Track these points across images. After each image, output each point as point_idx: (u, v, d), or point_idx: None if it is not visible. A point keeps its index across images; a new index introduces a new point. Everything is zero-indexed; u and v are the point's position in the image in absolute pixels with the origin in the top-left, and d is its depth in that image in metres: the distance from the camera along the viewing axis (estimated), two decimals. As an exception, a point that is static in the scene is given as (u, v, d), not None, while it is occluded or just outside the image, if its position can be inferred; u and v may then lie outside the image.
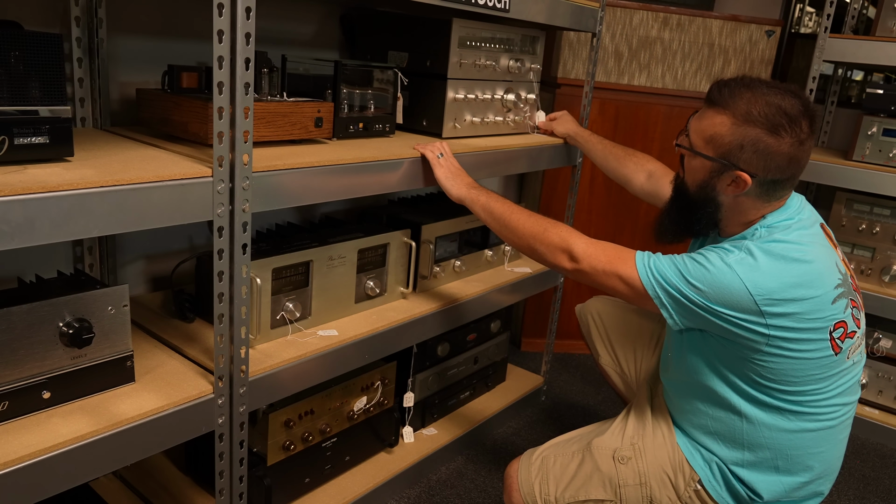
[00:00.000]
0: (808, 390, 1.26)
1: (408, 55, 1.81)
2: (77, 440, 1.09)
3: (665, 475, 1.37)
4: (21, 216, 0.94)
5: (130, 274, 1.69)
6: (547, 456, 1.44)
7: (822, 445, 1.31)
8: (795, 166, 1.26)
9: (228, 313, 1.25)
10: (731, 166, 1.25)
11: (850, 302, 1.27)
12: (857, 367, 1.33)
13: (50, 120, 1.06)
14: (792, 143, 1.22)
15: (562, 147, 2.06)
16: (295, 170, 1.29)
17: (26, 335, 1.10)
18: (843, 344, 1.25)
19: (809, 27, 3.06)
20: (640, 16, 2.52)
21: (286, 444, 1.58)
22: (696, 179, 1.32)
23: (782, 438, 1.29)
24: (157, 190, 1.09)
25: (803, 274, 1.21)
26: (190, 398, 1.23)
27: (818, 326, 1.22)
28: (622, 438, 1.43)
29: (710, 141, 1.28)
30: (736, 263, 1.21)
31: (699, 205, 1.33)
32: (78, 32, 1.43)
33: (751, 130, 1.23)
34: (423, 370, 1.98)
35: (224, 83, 1.13)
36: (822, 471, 1.33)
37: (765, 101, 1.22)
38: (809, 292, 1.20)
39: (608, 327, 1.86)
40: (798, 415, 1.28)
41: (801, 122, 1.22)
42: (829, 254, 1.28)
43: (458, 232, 1.96)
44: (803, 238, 1.25)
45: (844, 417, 1.33)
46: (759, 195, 1.28)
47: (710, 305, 1.22)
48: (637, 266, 1.29)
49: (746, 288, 1.19)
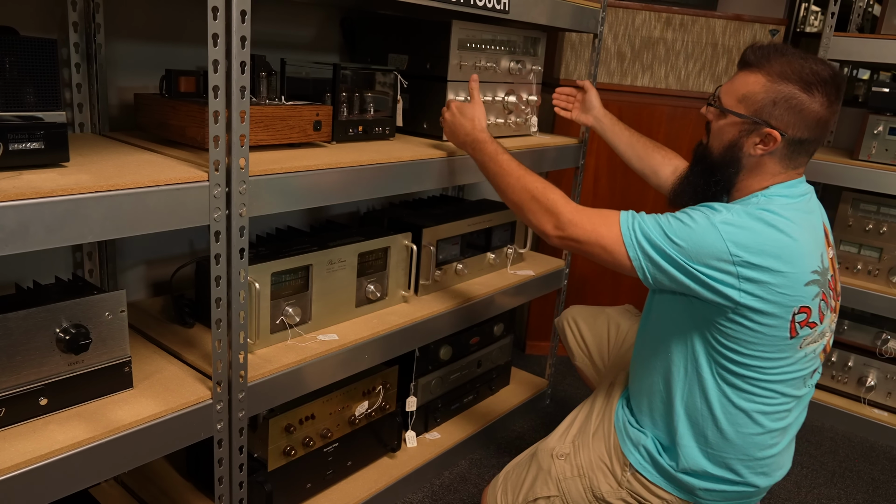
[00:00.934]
0: (754, 365, 1.28)
1: (408, 58, 1.80)
2: (74, 447, 1.08)
3: (603, 463, 1.43)
4: (15, 222, 0.94)
5: (131, 279, 1.68)
6: (508, 471, 1.56)
7: (751, 428, 1.32)
8: (823, 128, 1.28)
9: (226, 318, 1.24)
10: (762, 123, 1.27)
11: (822, 295, 1.28)
12: (808, 363, 1.33)
13: (45, 125, 1.05)
14: (823, 103, 1.25)
15: (564, 149, 2.04)
16: (292, 173, 1.29)
17: (23, 341, 1.10)
18: (801, 331, 1.26)
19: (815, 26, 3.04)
20: (643, 16, 2.51)
21: (287, 450, 1.57)
22: (723, 140, 1.34)
23: (718, 411, 1.31)
24: (152, 195, 1.08)
25: (783, 247, 1.22)
26: (188, 404, 1.23)
27: (785, 303, 1.23)
28: (565, 438, 1.51)
29: (742, 100, 1.30)
30: (721, 223, 1.23)
31: (722, 166, 1.34)
32: (76, 38, 1.43)
33: (785, 87, 1.26)
34: (425, 374, 1.97)
35: (220, 87, 1.12)
36: (742, 456, 1.34)
37: (798, 63, 1.26)
38: (784, 267, 1.21)
39: (581, 329, 1.93)
40: (737, 390, 1.30)
41: (830, 84, 1.26)
42: (817, 243, 1.29)
43: (459, 235, 1.95)
44: (796, 218, 1.27)
45: (781, 410, 1.33)
46: (783, 157, 1.29)
47: (688, 263, 1.23)
48: (621, 228, 1.30)
49: (726, 245, 1.20)
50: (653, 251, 1.26)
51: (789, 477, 2.15)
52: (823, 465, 2.24)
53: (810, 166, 2.46)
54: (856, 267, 2.46)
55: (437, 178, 1.63)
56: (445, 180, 1.66)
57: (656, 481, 1.38)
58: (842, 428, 2.47)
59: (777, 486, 2.09)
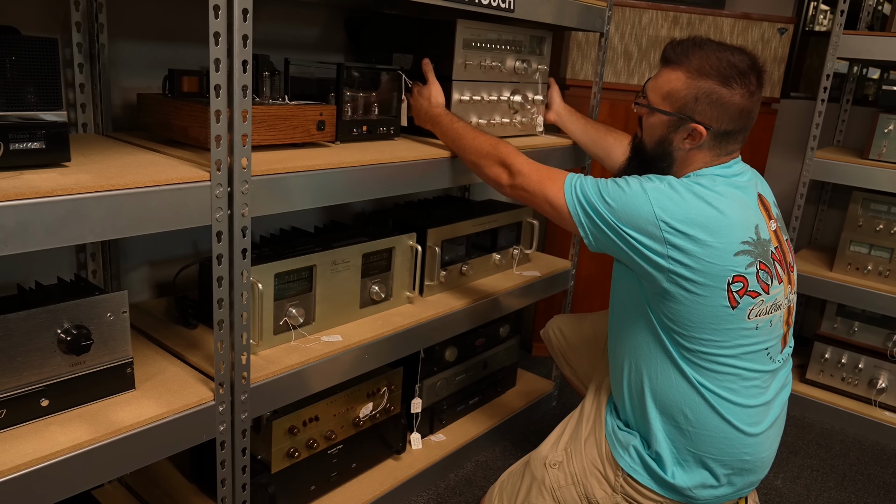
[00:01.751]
0: (703, 339, 1.30)
1: (412, 57, 1.79)
2: (75, 448, 1.07)
3: (597, 470, 1.44)
4: (14, 222, 0.93)
5: (134, 280, 1.68)
6: (503, 481, 1.58)
7: (725, 409, 1.32)
8: (746, 118, 1.33)
9: (228, 319, 1.23)
10: (687, 119, 1.33)
11: (760, 265, 1.30)
12: (765, 336, 1.33)
13: (46, 125, 1.05)
14: (743, 94, 1.30)
15: (570, 148, 2.03)
16: (295, 173, 1.28)
17: (24, 342, 1.09)
18: (742, 300, 1.28)
19: (823, 25, 3.01)
20: (650, 15, 2.49)
21: (291, 452, 1.56)
22: (653, 136, 1.39)
23: (683, 393, 1.33)
24: (153, 195, 1.07)
25: (710, 218, 1.25)
26: (190, 405, 1.22)
27: (715, 273, 1.25)
28: (557, 446, 1.51)
29: (666, 97, 1.35)
30: (652, 189, 1.28)
31: (655, 160, 1.40)
32: (79, 38, 1.42)
33: (704, 83, 1.30)
34: (430, 375, 1.96)
35: (221, 86, 1.11)
36: (716, 447, 1.33)
37: (716, 57, 1.30)
38: (709, 238, 1.24)
39: (568, 339, 1.97)
40: (695, 367, 1.32)
41: (749, 75, 1.30)
42: (749, 216, 1.31)
43: (465, 235, 1.94)
44: (726, 192, 1.30)
45: (751, 386, 1.33)
46: (712, 147, 1.34)
47: (618, 225, 1.29)
48: (565, 187, 1.37)
49: (653, 209, 1.26)
50: (590, 209, 1.33)
51: (799, 480, 2.12)
52: (834, 469, 2.21)
53: (820, 165, 2.45)
54: (866, 268, 2.43)
55: (441, 179, 1.62)
56: (450, 180, 1.65)
57: (648, 484, 1.38)
58: (852, 431, 2.44)
59: (787, 490, 2.07)
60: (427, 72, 1.68)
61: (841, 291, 2.43)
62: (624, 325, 1.42)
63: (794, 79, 2.99)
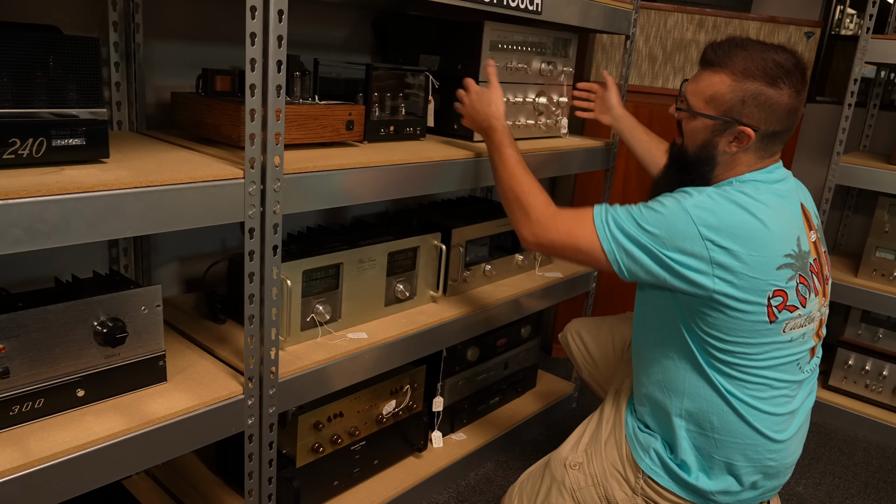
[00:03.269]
0: (737, 351, 1.27)
1: (439, 58, 1.80)
2: (109, 438, 1.10)
3: (617, 471, 1.43)
4: (57, 216, 0.96)
5: (164, 275, 1.71)
6: (523, 481, 1.57)
7: (752, 417, 1.30)
8: (793, 117, 1.30)
9: (259, 315, 1.25)
10: (734, 122, 1.29)
11: (800, 278, 1.27)
12: (797, 348, 1.32)
13: (86, 122, 1.07)
14: (790, 94, 1.27)
15: (594, 150, 2.03)
16: (325, 172, 1.30)
17: (62, 334, 1.12)
18: (780, 314, 1.26)
19: (850, 29, 2.99)
20: (675, 18, 2.49)
21: (315, 447, 1.58)
22: (696, 140, 1.35)
23: (710, 401, 1.31)
24: (189, 191, 1.10)
25: (754, 231, 1.22)
26: (220, 399, 1.24)
27: (757, 288, 1.23)
28: (577, 447, 1.50)
29: (710, 100, 1.31)
30: (692, 207, 1.23)
31: (697, 165, 1.36)
32: (115, 37, 1.45)
33: (751, 85, 1.27)
34: (452, 374, 1.97)
35: (256, 85, 1.13)
36: (742, 453, 1.32)
37: (760, 57, 1.27)
38: (754, 252, 1.22)
39: (586, 342, 1.93)
40: (725, 376, 1.30)
41: (795, 74, 1.27)
42: (792, 227, 1.28)
43: (488, 236, 1.95)
44: (770, 202, 1.27)
45: (779, 395, 1.32)
46: (758, 149, 1.31)
47: (661, 252, 1.24)
48: (595, 223, 1.30)
49: (697, 228, 1.21)
50: (627, 241, 1.27)
51: (821, 486, 2.11)
52: (856, 476, 2.19)
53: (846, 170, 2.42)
54: (892, 274, 2.41)
55: (466, 179, 1.63)
56: (475, 181, 1.66)
57: (669, 486, 1.37)
58: (875, 438, 2.42)
59: (809, 496, 2.05)
60: (490, 74, 1.59)
61: (866, 298, 2.41)
62: (651, 338, 1.41)
63: (819, 83, 2.96)
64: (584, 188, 2.65)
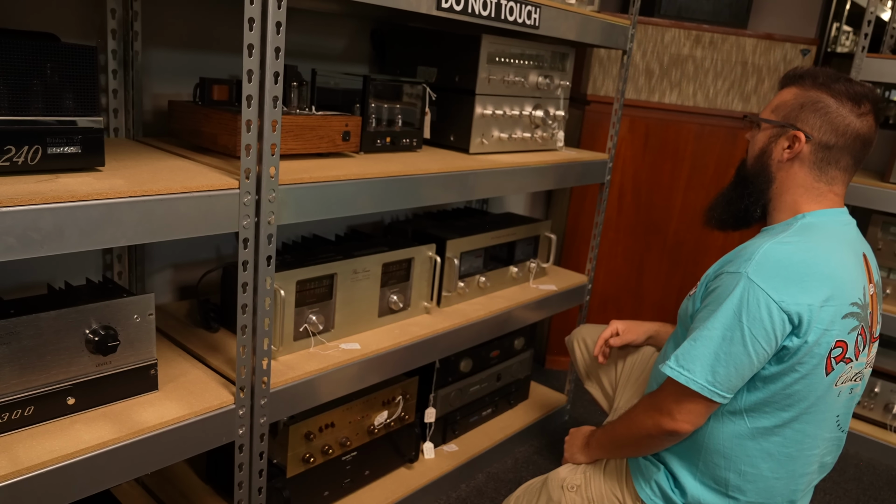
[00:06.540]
0: (787, 404, 1.24)
1: (437, 70, 1.81)
2: (99, 447, 1.10)
3: (615, 498, 1.42)
4: (51, 224, 0.96)
5: (158, 282, 1.71)
6: (519, 496, 1.56)
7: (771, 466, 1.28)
8: (854, 139, 1.26)
9: (251, 324, 1.25)
10: (788, 126, 1.30)
11: (860, 329, 1.25)
12: (842, 404, 1.29)
13: (83, 130, 1.08)
14: (852, 111, 1.25)
15: (590, 164, 2.04)
16: (321, 183, 1.30)
17: (53, 341, 1.12)
18: (836, 367, 1.22)
19: (846, 46, 3.01)
20: (672, 33, 2.50)
21: (306, 457, 1.58)
22: (755, 150, 1.37)
23: (749, 451, 1.28)
24: (184, 201, 1.10)
25: (826, 282, 1.19)
26: (211, 408, 1.24)
27: (824, 341, 1.19)
28: (577, 469, 1.50)
29: (775, 109, 1.34)
30: (766, 303, 1.17)
31: (753, 176, 1.36)
32: (114, 45, 1.46)
33: (814, 93, 1.28)
34: (445, 386, 1.97)
35: (253, 96, 1.14)
36: (755, 495, 1.30)
37: (835, 75, 1.28)
38: (827, 306, 1.19)
39: (591, 351, 1.87)
40: (766, 433, 1.26)
41: (863, 99, 1.26)
42: (859, 276, 1.26)
43: (483, 248, 1.95)
44: (838, 249, 1.24)
45: (804, 448, 1.28)
46: (812, 164, 1.29)
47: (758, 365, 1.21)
48: (705, 395, 1.22)
49: (773, 322, 1.17)
50: (734, 386, 1.22)
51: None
52: (847, 493, 2.20)
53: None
54: (885, 291, 2.42)
55: (462, 191, 1.64)
56: (470, 193, 1.66)
57: None
58: (867, 455, 2.42)
59: (799, 512, 2.05)
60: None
61: (858, 314, 2.41)
62: None
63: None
64: (580, 201, 2.66)
